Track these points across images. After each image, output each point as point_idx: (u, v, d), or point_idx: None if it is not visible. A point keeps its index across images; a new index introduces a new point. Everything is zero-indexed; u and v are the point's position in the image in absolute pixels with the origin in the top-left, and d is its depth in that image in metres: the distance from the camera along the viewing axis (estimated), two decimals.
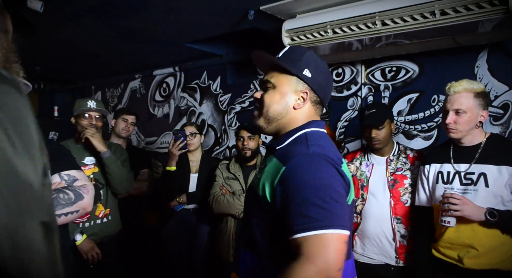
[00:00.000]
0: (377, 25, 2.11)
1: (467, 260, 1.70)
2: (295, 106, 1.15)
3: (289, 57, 1.15)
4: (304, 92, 1.14)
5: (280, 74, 1.16)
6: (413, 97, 2.57)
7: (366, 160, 2.23)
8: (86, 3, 2.40)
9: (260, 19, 2.52)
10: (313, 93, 1.15)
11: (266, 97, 1.16)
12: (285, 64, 1.13)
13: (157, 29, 2.85)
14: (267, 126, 1.18)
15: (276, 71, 1.17)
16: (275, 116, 1.15)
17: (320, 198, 0.93)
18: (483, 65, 2.31)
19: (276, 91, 1.15)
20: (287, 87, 1.15)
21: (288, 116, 1.15)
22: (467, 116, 1.73)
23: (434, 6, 1.93)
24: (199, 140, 2.85)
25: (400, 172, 2.11)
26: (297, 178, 0.98)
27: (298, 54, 1.16)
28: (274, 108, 1.15)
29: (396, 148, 2.20)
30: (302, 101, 1.15)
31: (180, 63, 3.89)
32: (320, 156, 1.02)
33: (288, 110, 1.15)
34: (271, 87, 1.16)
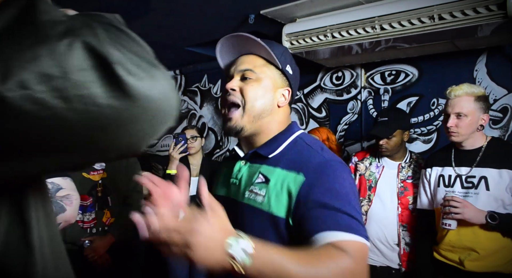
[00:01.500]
0: (377, 29, 2.13)
1: (468, 263, 1.71)
2: (279, 104, 1.00)
3: (272, 48, 0.99)
4: (286, 90, 1.02)
5: (264, 65, 1.00)
6: (413, 100, 2.58)
7: (377, 161, 2.22)
8: (87, 7, 2.41)
9: (261, 23, 2.53)
10: (291, 93, 1.03)
11: (250, 89, 0.97)
12: (274, 55, 0.98)
13: (158, 32, 2.87)
14: (250, 127, 0.97)
15: (258, 59, 1.00)
16: (261, 113, 0.97)
17: (351, 207, 0.84)
18: (482, 69, 2.33)
19: (260, 84, 0.98)
20: (272, 80, 1.00)
21: (271, 115, 0.99)
22: (468, 120, 1.74)
23: (433, 11, 1.94)
24: (200, 143, 2.86)
25: (411, 180, 2.11)
26: (323, 187, 0.86)
27: (279, 47, 1.02)
28: (261, 104, 0.97)
29: (408, 155, 2.18)
30: (284, 100, 1.01)
31: (180, 67, 3.91)
32: (338, 162, 0.92)
33: (273, 108, 0.99)
34: (253, 79, 0.98)
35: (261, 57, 1.01)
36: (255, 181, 0.95)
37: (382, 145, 2.10)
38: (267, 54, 0.99)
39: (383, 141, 2.09)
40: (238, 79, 1.00)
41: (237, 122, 0.97)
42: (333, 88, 2.96)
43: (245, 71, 0.99)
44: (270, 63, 1.00)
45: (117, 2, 2.31)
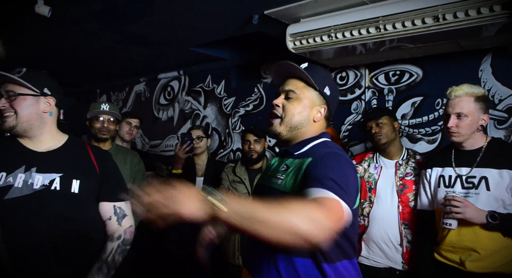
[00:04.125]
0: (381, 29, 2.13)
1: (469, 264, 1.71)
2: (315, 119, 1.26)
3: (311, 73, 1.24)
4: (322, 108, 1.27)
5: (304, 87, 1.26)
6: (417, 101, 2.58)
7: (375, 162, 2.24)
8: (92, 8, 2.43)
9: (265, 24, 2.54)
10: (327, 110, 1.28)
11: (290, 107, 1.25)
12: (312, 79, 1.23)
13: (162, 33, 2.88)
14: (286, 134, 1.26)
15: (299, 82, 1.26)
16: (297, 125, 1.25)
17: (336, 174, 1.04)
18: (487, 69, 2.32)
19: (300, 102, 1.25)
20: (310, 100, 1.26)
21: (307, 127, 1.26)
22: (469, 120, 1.74)
23: (438, 11, 1.94)
24: (205, 143, 2.87)
25: (410, 177, 2.12)
26: (320, 163, 1.09)
27: (319, 72, 1.27)
28: (298, 119, 1.25)
29: (405, 152, 2.21)
30: (320, 116, 1.27)
31: (184, 67, 3.92)
32: (341, 154, 1.16)
33: (309, 122, 1.26)
34: (294, 98, 1.25)
35: (303, 80, 1.26)
36: (280, 170, 1.23)
37: (375, 132, 2.17)
38: (307, 79, 1.24)
39: (375, 128, 2.18)
40: (282, 97, 1.28)
41: (275, 128, 1.27)
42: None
43: (288, 92, 1.27)
44: (310, 85, 1.26)
45: (122, 2, 2.33)
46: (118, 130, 3.06)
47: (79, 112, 4.50)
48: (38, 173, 1.43)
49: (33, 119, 1.45)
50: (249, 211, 0.88)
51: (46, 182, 1.43)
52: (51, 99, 1.50)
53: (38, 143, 1.49)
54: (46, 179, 1.43)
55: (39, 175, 1.42)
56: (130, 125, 3.06)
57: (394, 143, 2.19)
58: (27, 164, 1.43)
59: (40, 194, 1.40)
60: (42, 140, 1.49)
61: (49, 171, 1.44)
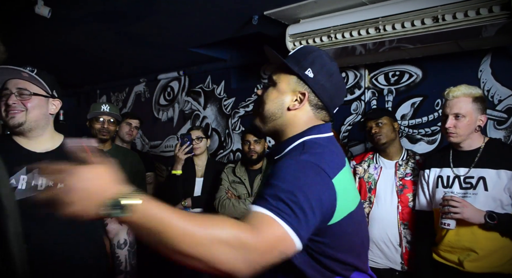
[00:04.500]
0: (381, 30, 2.13)
1: (467, 264, 1.71)
2: (289, 107, 1.05)
3: (295, 56, 1.07)
4: (302, 94, 1.04)
5: (282, 72, 1.08)
6: (417, 101, 2.58)
7: (375, 162, 2.25)
8: (92, 8, 2.43)
9: (264, 24, 2.54)
10: (313, 96, 1.05)
11: (264, 95, 1.09)
12: (288, 61, 1.05)
13: (162, 33, 2.88)
14: (263, 126, 1.09)
15: (281, 69, 1.09)
16: (269, 115, 1.06)
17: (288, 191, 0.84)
18: (487, 70, 2.32)
19: (274, 89, 1.07)
20: (286, 86, 1.06)
21: (283, 118, 1.06)
22: (466, 121, 1.75)
23: (437, 11, 1.94)
24: (205, 144, 2.87)
25: (409, 177, 2.12)
26: (277, 173, 0.90)
27: (304, 53, 1.07)
28: (269, 107, 1.06)
29: (404, 152, 2.22)
30: (298, 103, 1.05)
31: (184, 68, 3.92)
32: (308, 162, 0.91)
33: (283, 111, 1.05)
34: (271, 85, 1.09)
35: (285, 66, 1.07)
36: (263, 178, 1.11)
37: (375, 132, 2.18)
38: (280, 60, 1.06)
39: (375, 128, 2.18)
40: (263, 87, 1.14)
41: (254, 122, 1.12)
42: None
43: (269, 78, 1.11)
44: (290, 70, 1.06)
45: (121, 3, 2.33)
46: (118, 131, 3.07)
47: (79, 113, 4.50)
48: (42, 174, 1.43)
49: (40, 119, 1.45)
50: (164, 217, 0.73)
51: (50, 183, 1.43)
52: (58, 101, 1.52)
53: (37, 143, 1.48)
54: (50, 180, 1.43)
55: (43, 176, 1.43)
56: (130, 126, 3.06)
57: (393, 143, 2.20)
58: (28, 165, 1.42)
59: None
60: (41, 140, 1.49)
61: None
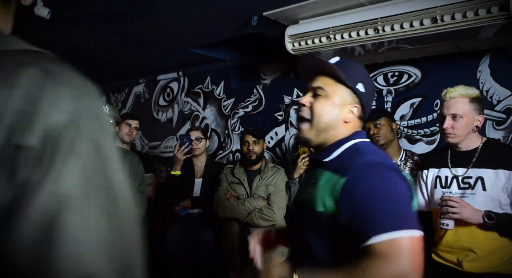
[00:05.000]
0: (379, 30, 2.13)
1: (466, 264, 1.71)
2: (346, 120, 1.09)
3: (343, 68, 1.09)
4: (355, 107, 1.10)
5: (334, 84, 1.09)
6: (416, 102, 2.58)
7: None
8: (91, 9, 2.43)
9: (264, 25, 2.54)
10: (361, 109, 1.11)
11: (318, 106, 1.09)
12: (342, 74, 1.08)
13: (161, 34, 2.88)
14: (315, 139, 1.10)
15: (329, 79, 1.11)
16: (325, 128, 1.09)
17: (390, 204, 0.91)
18: (486, 70, 2.32)
19: (328, 101, 1.08)
20: (340, 98, 1.09)
21: (337, 130, 1.09)
22: (464, 121, 1.75)
23: (436, 12, 1.94)
24: (204, 145, 2.87)
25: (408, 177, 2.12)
26: (362, 188, 0.93)
27: (353, 67, 1.12)
28: (326, 119, 1.08)
29: (403, 153, 2.23)
30: (352, 116, 1.10)
31: (184, 68, 3.92)
32: (379, 164, 0.99)
33: (339, 123, 1.09)
34: (323, 96, 1.09)
35: (333, 76, 1.10)
36: (310, 182, 1.09)
37: (374, 133, 2.19)
38: (337, 74, 1.08)
39: (372, 128, 2.19)
40: (310, 95, 1.13)
41: (304, 134, 1.12)
42: None
43: (316, 89, 1.11)
44: (341, 82, 1.10)
45: (121, 3, 2.33)
46: (117, 132, 3.07)
47: None
48: None
49: None
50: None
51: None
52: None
53: None
54: None
55: None
56: (129, 126, 3.06)
57: (392, 144, 2.20)
58: None
59: None
60: None
61: None
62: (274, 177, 2.56)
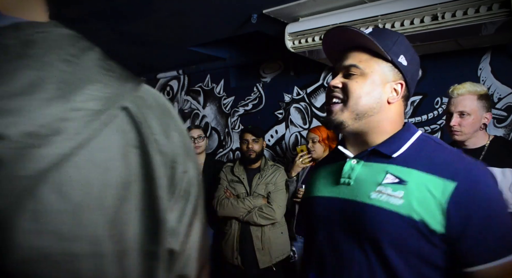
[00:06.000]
0: None
1: None
2: (390, 100, 0.90)
3: (379, 38, 0.89)
4: (398, 84, 0.91)
5: (370, 59, 0.90)
6: (416, 100, 2.57)
7: None
8: (91, 7, 2.42)
9: (263, 23, 2.53)
10: (406, 87, 0.92)
11: (354, 86, 0.89)
12: (379, 46, 0.88)
13: (161, 32, 2.87)
14: (353, 123, 0.90)
15: (363, 54, 0.91)
16: (367, 111, 0.89)
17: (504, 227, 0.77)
18: (486, 68, 2.31)
19: (366, 80, 0.89)
20: (380, 75, 0.90)
21: (381, 113, 0.90)
22: (471, 119, 1.73)
23: (437, 9, 1.93)
24: (205, 143, 2.87)
25: None
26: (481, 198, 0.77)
27: (391, 36, 0.92)
28: (366, 101, 0.89)
29: None
30: (396, 95, 0.91)
31: (183, 67, 3.91)
32: (484, 167, 0.82)
33: (382, 105, 0.90)
34: (358, 75, 0.90)
35: (368, 51, 0.91)
36: (383, 182, 0.86)
37: None
38: (373, 46, 0.89)
39: None
40: (341, 76, 0.93)
41: (336, 116, 0.91)
42: None
43: (349, 67, 0.91)
44: (378, 56, 0.91)
45: (120, 2, 2.32)
46: None
47: None
48: None
49: None
50: None
51: None
52: None
53: None
54: None
55: None
56: None
57: None
58: None
59: None
60: None
61: None
62: (274, 175, 2.55)
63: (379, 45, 0.87)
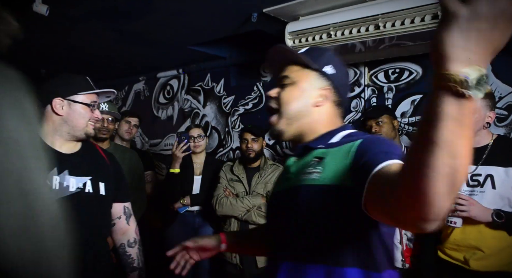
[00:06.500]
0: (380, 27, 2.12)
1: (473, 262, 1.70)
2: (317, 104, 1.03)
3: (309, 54, 1.06)
4: (325, 90, 1.03)
5: (300, 70, 1.05)
6: (417, 99, 2.57)
7: None
8: (91, 6, 2.42)
9: (264, 22, 2.53)
10: (334, 92, 1.04)
11: (285, 95, 1.03)
12: (306, 58, 1.03)
13: (161, 32, 2.87)
14: (288, 129, 1.03)
15: (295, 66, 1.06)
16: (296, 114, 1.02)
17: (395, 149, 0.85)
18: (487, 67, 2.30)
19: (295, 87, 1.03)
20: (307, 83, 1.03)
21: (310, 117, 1.03)
22: (475, 118, 1.72)
23: (437, 8, 1.93)
24: (205, 142, 2.87)
25: None
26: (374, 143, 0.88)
27: (319, 51, 1.08)
28: (294, 106, 1.02)
29: (404, 150, 2.20)
30: (323, 99, 1.03)
31: (184, 66, 3.91)
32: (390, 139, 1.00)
33: (309, 109, 1.03)
34: (289, 84, 1.04)
35: (299, 64, 1.06)
36: (310, 164, 0.97)
37: (375, 131, 2.18)
38: (301, 59, 1.04)
39: (375, 127, 2.18)
40: (277, 87, 1.07)
41: (275, 127, 1.04)
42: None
43: (282, 78, 1.06)
44: (307, 67, 1.05)
45: (120, 1, 2.32)
46: (117, 129, 3.06)
47: None
48: (71, 175, 1.45)
49: None
50: None
51: (80, 185, 1.46)
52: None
53: (64, 144, 1.47)
54: (79, 181, 1.46)
55: (73, 178, 1.45)
56: (129, 124, 3.05)
57: (393, 139, 2.18)
58: (58, 166, 1.42)
59: (76, 196, 1.43)
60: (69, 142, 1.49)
61: (80, 174, 1.47)
62: (274, 174, 2.55)
63: (304, 57, 1.03)
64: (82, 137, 1.49)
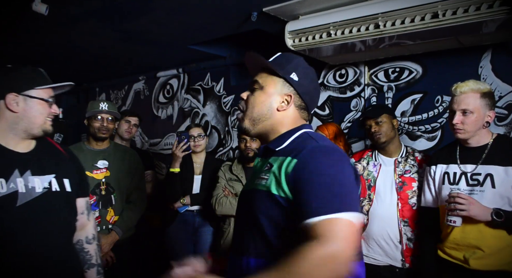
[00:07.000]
0: (380, 26, 2.11)
1: (473, 261, 1.69)
2: (278, 108, 1.15)
3: (278, 61, 1.18)
4: (288, 96, 1.15)
5: (268, 76, 1.17)
6: (417, 98, 2.57)
7: (374, 160, 2.23)
8: (90, 5, 2.41)
9: (263, 21, 2.53)
10: (298, 98, 1.17)
11: (252, 98, 1.17)
12: (273, 66, 1.15)
13: (161, 31, 2.87)
14: (252, 128, 1.17)
15: (265, 73, 1.19)
16: (259, 117, 1.15)
17: (333, 184, 0.94)
18: (487, 66, 2.31)
19: (262, 92, 1.16)
20: (273, 88, 1.16)
21: (272, 118, 1.16)
22: (474, 117, 1.72)
23: (437, 7, 1.92)
24: (205, 141, 2.87)
25: (409, 174, 2.11)
26: (310, 166, 0.98)
27: (287, 59, 1.19)
28: (258, 109, 1.15)
29: (404, 149, 2.20)
30: (286, 104, 1.16)
31: (183, 65, 3.91)
32: (331, 148, 1.05)
33: (272, 112, 1.15)
34: (258, 88, 1.17)
35: (269, 70, 1.18)
36: (264, 169, 1.11)
37: (375, 131, 2.15)
38: (269, 66, 1.16)
39: (374, 127, 2.15)
40: (248, 90, 1.20)
41: (240, 123, 1.20)
42: (336, 86, 2.95)
43: (253, 82, 1.19)
44: (275, 74, 1.16)
45: (120, 0, 2.32)
46: (117, 129, 3.06)
47: (78, 111, 4.49)
48: (34, 175, 1.39)
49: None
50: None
51: (45, 184, 1.40)
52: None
53: (20, 143, 1.41)
54: (44, 181, 1.40)
55: (36, 178, 1.39)
56: (129, 123, 3.05)
57: (393, 141, 2.18)
58: (19, 167, 1.36)
59: (44, 197, 1.38)
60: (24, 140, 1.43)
61: (44, 173, 1.41)
62: None
63: (272, 65, 1.15)
64: (40, 135, 1.42)
